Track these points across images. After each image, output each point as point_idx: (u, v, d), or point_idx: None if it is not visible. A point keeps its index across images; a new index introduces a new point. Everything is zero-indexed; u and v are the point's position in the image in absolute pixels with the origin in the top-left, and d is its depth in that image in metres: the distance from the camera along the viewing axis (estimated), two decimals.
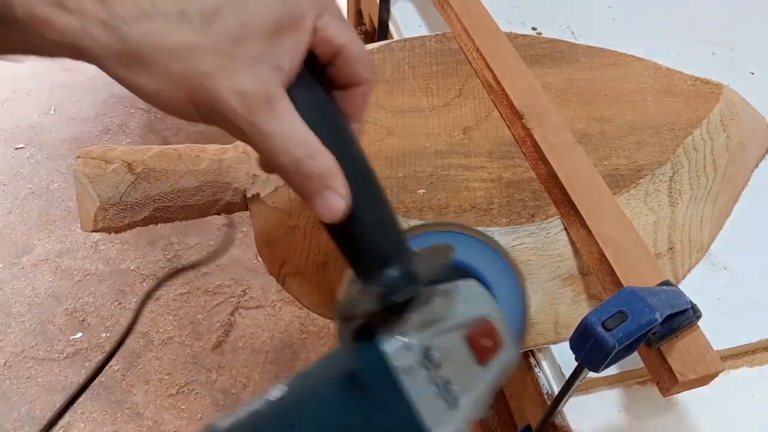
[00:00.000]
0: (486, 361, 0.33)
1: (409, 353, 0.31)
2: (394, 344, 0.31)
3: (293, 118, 0.27)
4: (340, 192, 0.29)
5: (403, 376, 0.31)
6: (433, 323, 0.32)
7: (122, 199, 0.49)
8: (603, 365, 0.36)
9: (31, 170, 1.78)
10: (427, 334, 0.32)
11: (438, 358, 0.32)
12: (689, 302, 0.40)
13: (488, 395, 0.33)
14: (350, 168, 0.30)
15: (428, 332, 0.32)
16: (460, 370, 0.32)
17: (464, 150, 0.53)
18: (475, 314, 0.33)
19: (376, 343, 0.31)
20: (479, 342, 0.33)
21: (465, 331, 0.33)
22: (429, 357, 0.32)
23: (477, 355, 0.33)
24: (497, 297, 0.39)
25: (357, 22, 1.01)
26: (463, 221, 0.47)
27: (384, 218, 0.32)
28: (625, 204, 0.50)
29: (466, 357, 0.33)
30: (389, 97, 0.57)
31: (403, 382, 0.31)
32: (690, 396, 0.45)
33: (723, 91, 0.61)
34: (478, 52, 0.59)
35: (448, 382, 0.32)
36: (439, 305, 0.33)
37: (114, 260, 1.58)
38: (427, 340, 0.32)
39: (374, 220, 0.32)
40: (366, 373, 0.31)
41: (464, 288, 0.34)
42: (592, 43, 0.66)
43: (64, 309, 1.49)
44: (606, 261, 0.45)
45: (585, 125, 0.56)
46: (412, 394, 0.31)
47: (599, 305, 0.37)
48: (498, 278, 0.40)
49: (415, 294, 0.32)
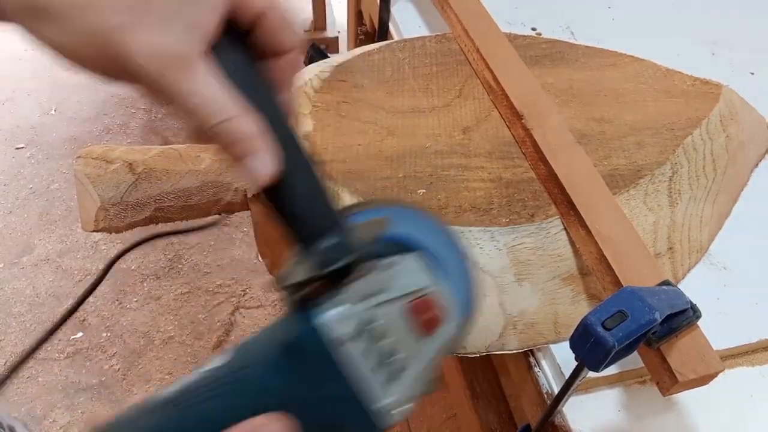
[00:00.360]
0: (429, 333, 0.33)
1: (346, 323, 0.31)
2: (331, 314, 0.31)
3: (212, 80, 0.27)
4: (267, 155, 0.29)
5: (339, 346, 0.31)
6: (373, 295, 0.32)
7: (123, 199, 0.49)
8: (603, 365, 0.36)
9: (32, 170, 1.78)
10: (367, 305, 0.32)
11: (379, 329, 0.32)
12: (689, 302, 0.41)
13: (434, 368, 0.33)
14: (279, 134, 0.30)
15: (368, 303, 0.32)
16: (403, 342, 0.32)
17: (464, 150, 0.53)
18: (416, 286, 0.33)
19: (315, 313, 0.31)
20: (421, 314, 0.33)
21: (407, 304, 0.33)
22: (369, 328, 0.32)
23: (419, 327, 0.33)
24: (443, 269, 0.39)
25: (357, 22, 1.01)
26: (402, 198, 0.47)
27: (317, 189, 0.32)
28: (625, 204, 0.50)
29: (408, 329, 0.33)
30: (389, 97, 0.57)
31: (339, 352, 0.31)
32: (690, 396, 0.45)
33: (723, 91, 0.61)
34: (478, 52, 0.59)
35: (390, 354, 0.32)
36: (380, 277, 0.33)
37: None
38: (367, 311, 0.32)
39: (307, 189, 0.32)
40: (304, 343, 0.31)
41: (406, 261, 0.34)
42: (591, 43, 0.66)
43: (64, 309, 1.49)
44: (605, 261, 0.45)
45: (585, 125, 0.56)
46: (349, 364, 0.31)
47: (599, 305, 0.37)
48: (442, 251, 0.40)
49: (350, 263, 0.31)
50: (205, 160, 0.51)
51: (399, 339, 0.32)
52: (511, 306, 0.47)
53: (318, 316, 0.31)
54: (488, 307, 0.47)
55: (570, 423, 0.46)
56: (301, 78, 0.58)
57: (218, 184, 0.51)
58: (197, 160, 0.51)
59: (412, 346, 0.33)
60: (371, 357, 0.32)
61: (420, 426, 1.26)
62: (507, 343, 0.48)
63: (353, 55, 0.60)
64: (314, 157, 0.33)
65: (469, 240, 0.47)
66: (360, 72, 0.58)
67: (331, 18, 1.83)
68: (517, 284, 0.48)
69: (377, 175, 0.50)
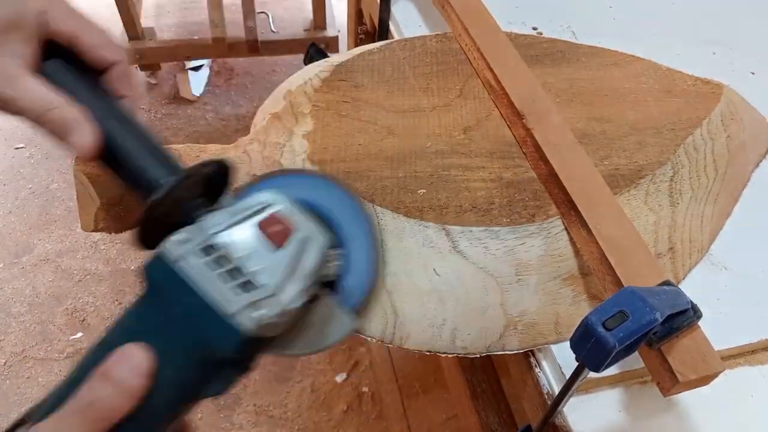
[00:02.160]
0: (280, 244, 0.36)
1: (186, 244, 0.35)
2: (172, 239, 0.35)
3: (34, 86, 0.37)
4: (84, 131, 0.37)
5: (181, 262, 0.34)
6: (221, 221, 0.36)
7: (122, 199, 0.49)
8: (603, 365, 0.36)
9: (31, 170, 1.78)
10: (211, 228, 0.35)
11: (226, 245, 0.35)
12: (689, 302, 0.40)
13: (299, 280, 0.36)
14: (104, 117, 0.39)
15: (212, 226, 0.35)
16: (256, 255, 0.35)
17: (465, 150, 0.53)
18: (260, 205, 0.37)
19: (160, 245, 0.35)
20: (270, 227, 0.36)
21: (256, 220, 0.36)
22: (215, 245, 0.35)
23: (271, 240, 0.36)
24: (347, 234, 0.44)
25: (357, 21, 1.01)
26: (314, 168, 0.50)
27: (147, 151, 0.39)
28: (626, 204, 0.50)
29: (260, 243, 0.35)
30: (389, 97, 0.57)
31: (184, 269, 0.34)
32: (690, 396, 0.45)
33: (723, 91, 0.61)
34: (479, 52, 0.59)
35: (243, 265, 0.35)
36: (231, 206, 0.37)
37: (114, 260, 1.58)
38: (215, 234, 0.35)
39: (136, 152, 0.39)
40: (151, 271, 0.35)
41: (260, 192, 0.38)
42: (592, 43, 0.66)
43: (64, 309, 1.49)
44: (606, 261, 0.45)
45: (585, 125, 0.56)
46: (197, 278, 0.34)
47: (600, 305, 0.37)
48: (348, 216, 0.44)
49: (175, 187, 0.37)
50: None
51: (251, 253, 0.35)
52: (511, 306, 0.47)
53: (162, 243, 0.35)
54: (489, 307, 0.47)
55: (570, 423, 0.46)
56: (300, 77, 0.58)
57: None
58: (197, 160, 0.50)
59: (265, 258, 0.35)
60: (221, 269, 0.34)
61: (420, 426, 1.26)
62: (507, 343, 0.48)
63: (353, 55, 0.60)
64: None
65: (470, 240, 0.47)
66: (360, 71, 0.58)
67: (331, 17, 1.83)
68: (517, 284, 0.47)
69: (377, 175, 0.50)
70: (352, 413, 1.34)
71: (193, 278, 0.34)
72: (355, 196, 0.45)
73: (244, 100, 2.01)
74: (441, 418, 1.27)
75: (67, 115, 0.37)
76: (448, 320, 0.47)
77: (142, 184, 0.38)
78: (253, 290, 0.34)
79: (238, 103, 2.00)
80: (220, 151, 0.52)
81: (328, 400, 1.36)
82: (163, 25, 1.78)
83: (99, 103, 0.39)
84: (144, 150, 0.39)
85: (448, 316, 0.47)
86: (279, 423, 1.32)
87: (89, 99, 0.39)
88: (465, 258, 0.47)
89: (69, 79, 0.39)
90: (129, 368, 0.32)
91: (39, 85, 0.37)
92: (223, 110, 1.97)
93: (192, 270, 0.34)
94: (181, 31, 1.77)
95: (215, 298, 0.33)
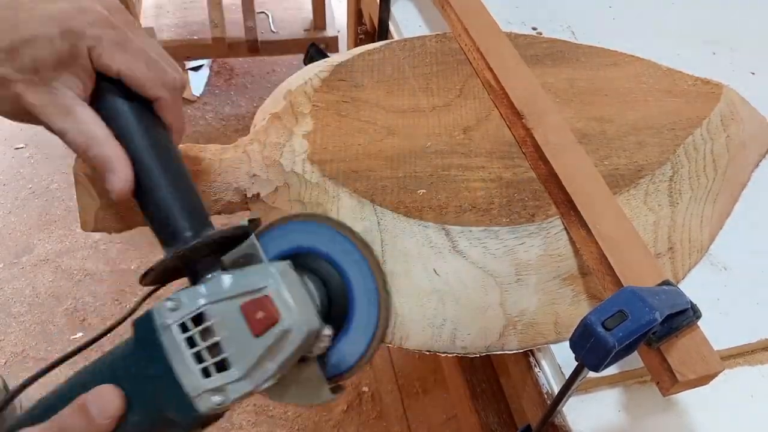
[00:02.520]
0: (260, 333, 0.35)
1: (174, 313, 0.35)
2: (165, 303, 0.36)
3: (86, 120, 0.38)
4: (119, 175, 0.38)
5: (162, 331, 0.35)
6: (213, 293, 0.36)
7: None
8: (603, 365, 0.36)
9: (31, 170, 1.78)
10: (201, 299, 0.35)
11: (211, 322, 0.35)
12: (689, 302, 0.40)
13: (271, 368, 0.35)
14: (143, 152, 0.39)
15: (203, 297, 0.36)
16: (235, 338, 0.35)
17: (464, 150, 0.53)
18: (253, 287, 0.36)
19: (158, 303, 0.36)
20: (254, 314, 0.35)
21: (240, 302, 0.35)
22: (199, 320, 0.35)
23: (251, 326, 0.35)
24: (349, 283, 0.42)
25: (357, 21, 1.01)
26: (323, 213, 0.48)
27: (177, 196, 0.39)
28: (625, 204, 0.50)
29: (241, 327, 0.35)
30: (389, 97, 0.57)
31: (165, 337, 0.35)
32: (690, 396, 0.45)
33: (723, 91, 0.61)
34: (479, 52, 0.59)
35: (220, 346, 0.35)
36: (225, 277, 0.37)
37: (114, 260, 1.58)
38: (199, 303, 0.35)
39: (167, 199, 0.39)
40: (139, 326, 0.36)
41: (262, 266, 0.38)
42: (592, 42, 0.66)
43: (64, 309, 1.49)
44: (606, 261, 0.45)
45: (585, 125, 0.56)
46: (173, 348, 0.35)
47: (599, 305, 0.37)
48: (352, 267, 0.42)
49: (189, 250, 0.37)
50: (204, 160, 0.51)
51: (232, 335, 0.35)
52: (511, 306, 0.47)
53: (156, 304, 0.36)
54: (488, 307, 0.47)
55: (570, 423, 0.46)
56: (300, 77, 0.58)
57: (217, 184, 0.51)
58: (196, 160, 0.51)
59: (243, 343, 0.35)
60: (198, 346, 0.35)
61: (420, 426, 1.26)
62: (507, 343, 0.48)
63: (353, 55, 0.60)
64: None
65: (470, 240, 0.47)
66: (360, 71, 0.58)
67: (331, 17, 1.83)
68: (517, 284, 0.47)
69: (377, 175, 0.50)
70: (352, 413, 1.34)
71: (170, 352, 0.35)
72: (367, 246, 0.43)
73: (243, 100, 2.01)
74: (441, 418, 1.27)
75: (107, 152, 0.38)
76: (448, 320, 0.47)
77: (166, 231, 0.39)
78: (223, 371, 0.36)
79: (237, 103, 2.00)
80: (220, 152, 0.52)
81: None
82: (163, 25, 1.78)
83: (142, 136, 0.40)
84: (174, 196, 0.39)
85: (447, 316, 0.47)
86: (279, 423, 1.32)
87: (134, 132, 0.39)
88: (465, 258, 0.47)
89: (117, 109, 0.40)
90: (101, 408, 0.36)
91: (87, 119, 0.38)
92: (222, 110, 1.97)
93: (171, 344, 0.35)
94: (181, 31, 1.77)
95: (182, 377, 0.35)
